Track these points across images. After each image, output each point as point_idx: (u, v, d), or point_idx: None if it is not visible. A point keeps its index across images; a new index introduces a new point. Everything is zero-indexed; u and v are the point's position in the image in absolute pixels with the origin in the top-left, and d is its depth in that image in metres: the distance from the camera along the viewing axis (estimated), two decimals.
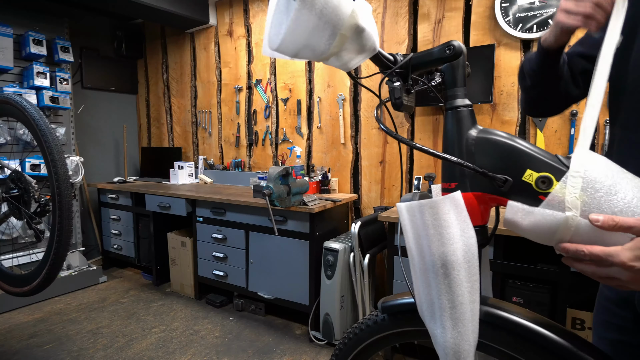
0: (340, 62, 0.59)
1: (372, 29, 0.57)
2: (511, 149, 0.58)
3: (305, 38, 0.52)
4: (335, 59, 0.58)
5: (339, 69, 0.62)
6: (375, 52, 0.61)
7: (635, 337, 0.73)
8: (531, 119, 2.08)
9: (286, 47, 0.52)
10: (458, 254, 0.58)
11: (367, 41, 0.57)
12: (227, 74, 3.37)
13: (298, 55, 0.54)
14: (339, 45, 0.55)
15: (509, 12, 2.06)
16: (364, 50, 0.58)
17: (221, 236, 2.63)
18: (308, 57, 0.55)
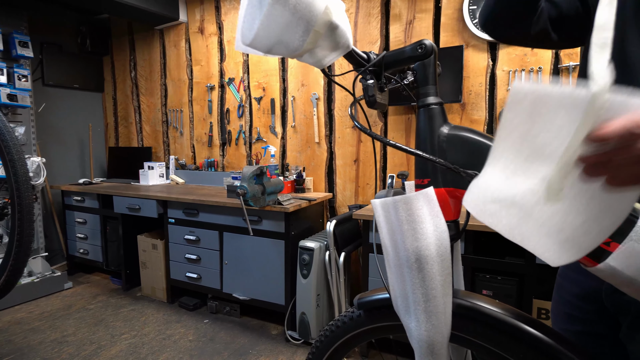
0: (314, 59, 0.59)
1: (345, 26, 0.57)
2: (481, 145, 0.60)
3: (279, 34, 0.51)
4: (309, 56, 0.58)
5: (313, 66, 0.62)
6: (349, 50, 0.61)
7: (599, 327, 0.76)
8: (498, 117, 2.16)
9: (259, 42, 0.52)
10: (431, 248, 0.59)
11: (340, 38, 0.57)
12: (198, 72, 3.29)
13: (271, 51, 0.54)
14: (313, 41, 0.54)
15: (477, 14, 2.13)
16: (337, 47, 0.59)
17: (194, 237, 2.57)
18: (282, 54, 0.55)
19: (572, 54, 1.96)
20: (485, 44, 2.16)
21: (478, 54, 2.18)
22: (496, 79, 2.15)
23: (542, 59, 2.03)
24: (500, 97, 2.15)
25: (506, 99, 2.02)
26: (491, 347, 0.61)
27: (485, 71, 2.17)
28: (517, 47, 2.08)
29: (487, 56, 2.16)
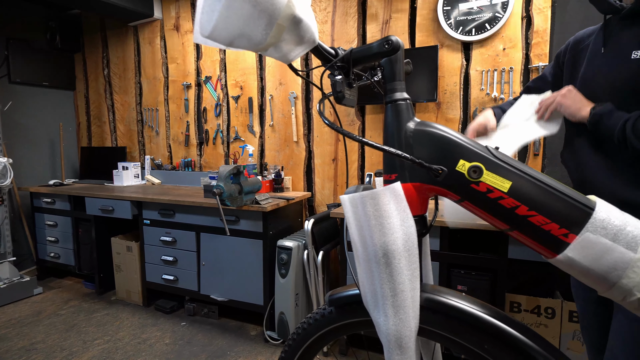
0: (280, 54, 0.59)
1: (310, 20, 0.57)
2: (446, 141, 0.61)
3: (240, 27, 0.51)
4: (274, 50, 0.58)
5: (279, 60, 0.61)
6: (315, 45, 0.61)
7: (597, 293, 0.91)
8: (472, 116, 2.20)
9: (219, 34, 0.51)
10: (398, 243, 0.59)
11: (305, 32, 0.57)
12: (174, 70, 3.23)
13: (233, 44, 0.53)
14: (277, 35, 0.54)
15: (451, 15, 2.17)
16: (302, 41, 0.58)
17: (170, 239, 2.52)
18: (244, 47, 0.54)
19: (541, 54, 2.02)
20: (459, 44, 2.20)
21: (452, 54, 2.22)
22: (470, 78, 2.20)
23: (513, 60, 2.08)
24: (474, 97, 2.20)
25: (479, 98, 2.05)
26: (459, 340, 0.62)
27: (459, 71, 2.22)
28: (490, 48, 2.13)
29: (461, 56, 2.20)
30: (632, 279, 0.52)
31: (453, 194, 0.60)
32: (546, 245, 0.56)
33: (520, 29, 2.06)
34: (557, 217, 0.55)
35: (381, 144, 0.63)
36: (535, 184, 0.57)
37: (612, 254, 0.52)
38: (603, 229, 0.53)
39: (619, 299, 0.54)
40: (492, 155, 0.59)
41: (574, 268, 0.55)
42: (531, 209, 0.56)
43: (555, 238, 0.55)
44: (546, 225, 0.55)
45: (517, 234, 0.58)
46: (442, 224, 1.73)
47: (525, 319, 1.72)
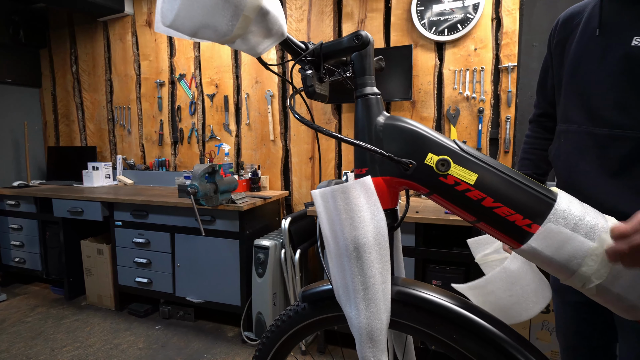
0: (247, 46, 0.58)
1: (278, 12, 0.56)
2: (415, 134, 0.61)
3: (204, 17, 0.49)
4: (241, 42, 0.57)
5: (248, 53, 0.60)
6: (283, 37, 0.60)
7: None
8: (446, 115, 2.25)
9: (181, 24, 0.49)
10: (369, 236, 0.59)
11: (273, 25, 0.56)
12: (147, 67, 3.14)
13: (197, 34, 0.51)
14: (243, 27, 0.53)
15: (425, 15, 2.20)
16: (270, 34, 0.57)
17: (143, 240, 2.45)
18: (210, 38, 0.53)
19: (510, 55, 2.08)
20: (432, 44, 2.24)
21: (426, 53, 2.26)
22: (443, 78, 2.24)
23: (484, 60, 2.14)
24: (447, 96, 2.24)
25: (452, 97, 2.08)
26: (429, 331, 0.62)
27: (433, 70, 2.26)
28: (462, 48, 2.18)
29: (435, 56, 2.25)
30: (590, 266, 0.54)
31: (422, 187, 0.61)
32: (511, 236, 0.58)
33: (490, 30, 2.11)
34: (521, 208, 0.57)
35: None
36: (500, 176, 0.58)
37: (572, 243, 0.54)
38: (564, 219, 0.55)
39: (579, 286, 0.56)
40: (460, 149, 0.60)
41: (537, 257, 0.57)
42: (496, 200, 0.57)
43: (520, 228, 0.57)
44: (511, 216, 0.57)
45: (484, 225, 0.59)
46: (417, 220, 1.75)
47: None
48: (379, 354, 0.61)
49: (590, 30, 0.86)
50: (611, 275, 0.53)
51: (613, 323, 0.97)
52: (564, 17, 0.97)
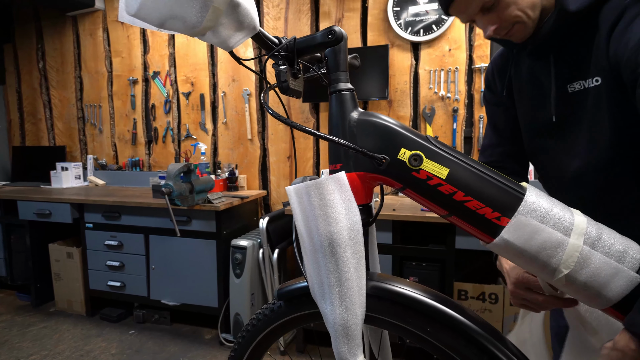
0: (219, 39, 0.56)
1: (249, 5, 0.55)
2: (388, 130, 0.62)
3: (171, 7, 0.48)
4: (212, 35, 0.55)
5: (219, 47, 0.59)
6: (255, 31, 0.59)
7: None
8: (422, 114, 2.29)
9: (147, 14, 0.48)
10: (344, 232, 0.59)
11: (244, 18, 0.55)
12: (119, 64, 3.05)
13: (165, 25, 0.50)
14: (214, 19, 0.52)
15: (401, 16, 2.23)
16: (242, 27, 0.56)
17: (116, 242, 2.37)
18: (178, 30, 0.51)
19: (483, 56, 2.14)
20: (408, 44, 2.28)
21: (402, 53, 2.29)
22: (419, 77, 2.28)
23: (458, 60, 2.19)
24: (423, 95, 2.28)
25: (428, 97, 2.11)
26: (403, 325, 0.63)
27: (409, 70, 2.29)
28: (437, 49, 2.22)
29: (411, 56, 2.28)
30: (558, 257, 0.56)
31: (396, 182, 0.62)
32: (482, 229, 0.59)
33: (464, 31, 2.16)
34: (491, 201, 0.58)
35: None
36: (471, 170, 0.59)
37: (541, 234, 0.56)
38: (533, 211, 0.57)
39: (549, 277, 0.57)
40: (431, 144, 0.60)
41: (509, 250, 0.58)
42: (467, 194, 0.58)
43: (489, 221, 0.58)
44: (480, 209, 0.58)
45: (455, 219, 0.60)
46: (394, 218, 1.77)
47: (472, 305, 1.81)
48: (355, 349, 0.61)
49: (521, 92, 0.86)
50: (578, 264, 0.55)
51: None
52: (497, 66, 0.93)
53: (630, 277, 0.54)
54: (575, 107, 0.76)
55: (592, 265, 0.55)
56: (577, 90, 0.75)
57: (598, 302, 0.57)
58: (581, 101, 0.74)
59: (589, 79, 0.72)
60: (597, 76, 0.71)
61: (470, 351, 0.58)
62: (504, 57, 0.92)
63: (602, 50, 0.69)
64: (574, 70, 0.75)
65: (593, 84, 0.72)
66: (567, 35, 0.74)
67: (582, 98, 0.74)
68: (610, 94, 0.69)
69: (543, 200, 0.58)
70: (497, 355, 0.57)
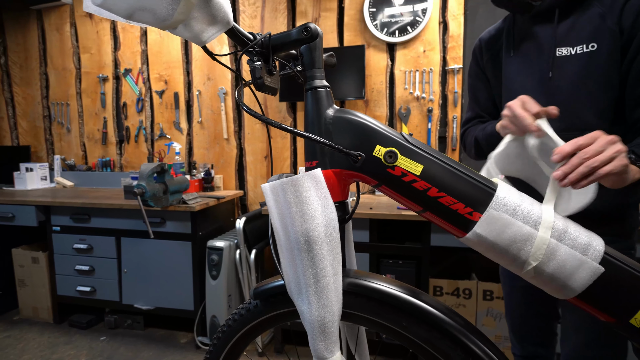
0: (191, 33, 0.55)
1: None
2: (363, 127, 0.62)
3: None
4: (184, 29, 0.54)
5: (192, 41, 0.57)
6: (229, 26, 0.58)
7: None
8: (397, 114, 2.32)
9: (114, 4, 0.46)
10: (320, 229, 0.59)
11: (217, 12, 0.54)
12: (88, 60, 2.93)
13: (134, 17, 0.48)
14: (185, 12, 0.50)
15: (376, 17, 2.26)
16: (215, 21, 0.55)
17: (85, 246, 2.28)
18: (148, 22, 0.49)
19: (456, 57, 2.19)
20: (384, 44, 2.30)
21: (378, 53, 2.32)
22: (395, 78, 2.31)
23: (433, 62, 2.23)
24: (399, 95, 2.31)
25: (404, 97, 2.15)
26: (379, 320, 0.63)
27: (385, 70, 2.32)
28: (412, 50, 2.26)
29: (387, 56, 2.31)
30: (527, 250, 0.58)
31: (371, 178, 0.62)
32: (455, 224, 0.60)
33: (438, 33, 2.21)
34: (463, 197, 0.59)
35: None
36: (444, 167, 0.60)
37: (511, 227, 0.58)
38: (504, 205, 0.58)
39: (519, 270, 0.59)
40: (406, 141, 0.61)
41: (482, 244, 0.60)
42: (441, 190, 0.59)
43: (462, 216, 0.59)
44: (454, 205, 0.59)
45: (429, 215, 0.61)
46: (371, 216, 1.79)
47: (447, 300, 1.85)
48: (331, 346, 0.61)
49: (513, 54, 0.94)
50: (545, 257, 0.57)
51: (555, 305, 1.08)
52: (486, 39, 1.02)
53: (594, 268, 0.56)
54: (559, 70, 0.86)
55: (558, 257, 0.57)
56: (564, 56, 0.86)
57: (563, 292, 0.59)
58: (565, 65, 0.85)
59: (582, 45, 0.84)
60: (593, 42, 0.83)
61: (445, 344, 0.59)
62: (493, 32, 1.01)
63: (609, 20, 0.80)
64: (566, 36, 0.86)
65: (586, 50, 0.83)
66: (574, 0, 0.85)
67: (566, 62, 0.85)
68: (610, 58, 0.81)
69: (513, 195, 0.60)
70: (470, 347, 0.59)
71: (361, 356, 0.78)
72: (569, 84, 0.85)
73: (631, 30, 0.78)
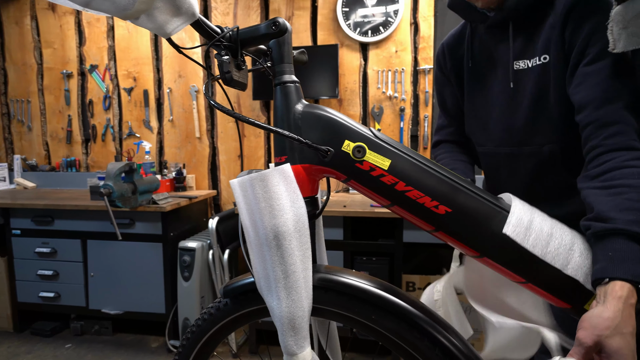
0: (154, 24, 0.53)
1: None
2: (332, 122, 0.62)
3: None
4: (146, 19, 0.52)
5: (155, 33, 0.56)
6: (195, 18, 0.57)
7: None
8: (371, 113, 2.35)
9: None
10: (289, 224, 0.59)
11: (182, 2, 0.53)
12: (50, 56, 2.80)
13: (91, 4, 0.46)
14: (147, 1, 0.49)
15: (350, 16, 2.28)
16: (179, 12, 0.54)
17: (49, 250, 2.18)
18: (107, 11, 0.48)
19: (427, 58, 2.24)
20: (357, 44, 2.32)
21: (352, 53, 2.33)
22: (368, 77, 2.34)
23: (404, 62, 2.27)
24: (372, 95, 2.34)
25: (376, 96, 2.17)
26: (349, 314, 0.64)
27: (358, 70, 2.34)
28: (384, 50, 2.29)
29: (360, 56, 2.33)
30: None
31: (340, 173, 0.62)
32: (422, 218, 0.62)
33: (409, 34, 2.25)
34: (429, 190, 0.60)
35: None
36: (411, 162, 0.61)
37: None
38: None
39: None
40: (374, 136, 0.62)
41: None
42: (408, 184, 0.60)
43: (428, 210, 0.61)
44: (420, 198, 0.60)
45: (397, 209, 0.62)
46: (345, 214, 1.80)
47: (420, 295, 1.89)
48: (302, 342, 0.61)
49: (472, 64, 0.91)
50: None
51: None
52: (448, 46, 0.97)
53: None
54: (517, 84, 0.83)
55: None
56: (521, 69, 0.82)
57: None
58: (523, 78, 0.82)
59: (535, 58, 0.80)
60: (545, 54, 0.78)
61: (413, 335, 0.60)
62: (456, 37, 0.96)
63: (556, 30, 0.76)
64: (522, 49, 0.82)
65: (539, 62, 0.79)
66: (528, 9, 0.79)
67: (524, 76, 0.82)
68: (561, 69, 0.76)
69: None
70: (437, 338, 0.60)
71: (333, 351, 0.78)
72: (528, 98, 0.82)
73: (571, 39, 0.74)
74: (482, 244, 0.61)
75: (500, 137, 0.88)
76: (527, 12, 0.80)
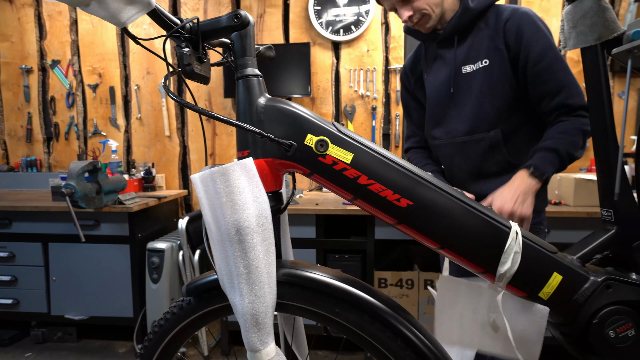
0: (107, 13, 0.52)
1: None
2: (294, 116, 0.62)
3: None
4: (98, 7, 0.50)
5: (109, 22, 0.54)
6: (151, 7, 0.55)
7: None
8: (343, 111, 2.36)
9: None
10: (251, 219, 0.58)
11: None
12: (7, 50, 2.65)
13: None
14: None
15: (322, 15, 2.28)
16: (134, 1, 0.52)
17: (6, 254, 2.06)
18: None
19: (397, 57, 2.28)
20: (329, 43, 2.33)
21: (324, 52, 2.34)
22: (340, 76, 2.35)
23: (376, 61, 2.30)
24: (344, 93, 2.35)
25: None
26: (313, 309, 0.64)
27: (331, 68, 2.35)
28: (356, 49, 2.31)
29: (332, 55, 2.34)
30: None
31: (303, 167, 0.62)
32: (384, 211, 0.62)
33: (380, 33, 2.28)
34: (392, 184, 0.61)
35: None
36: (374, 156, 0.62)
37: None
38: None
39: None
40: (337, 130, 0.62)
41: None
42: (370, 178, 0.61)
43: (390, 203, 0.61)
44: (382, 192, 0.61)
45: (360, 202, 0.63)
46: (317, 212, 1.80)
47: (391, 292, 1.92)
48: (265, 338, 0.60)
49: (427, 76, 1.15)
50: None
51: None
52: (409, 67, 1.21)
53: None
54: (465, 84, 1.06)
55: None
56: (468, 72, 1.06)
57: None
58: (470, 80, 1.05)
59: (478, 62, 1.04)
60: (485, 59, 1.03)
61: (375, 327, 0.60)
62: (413, 58, 1.21)
63: (495, 39, 1.01)
64: (466, 56, 1.05)
65: (482, 65, 1.03)
66: (467, 26, 1.05)
67: (471, 78, 1.05)
68: (500, 70, 1.01)
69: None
70: (399, 330, 0.61)
71: (299, 347, 0.78)
72: (475, 95, 1.04)
73: (515, 45, 0.99)
74: (442, 236, 0.63)
75: (455, 128, 1.10)
76: (466, 28, 1.05)
